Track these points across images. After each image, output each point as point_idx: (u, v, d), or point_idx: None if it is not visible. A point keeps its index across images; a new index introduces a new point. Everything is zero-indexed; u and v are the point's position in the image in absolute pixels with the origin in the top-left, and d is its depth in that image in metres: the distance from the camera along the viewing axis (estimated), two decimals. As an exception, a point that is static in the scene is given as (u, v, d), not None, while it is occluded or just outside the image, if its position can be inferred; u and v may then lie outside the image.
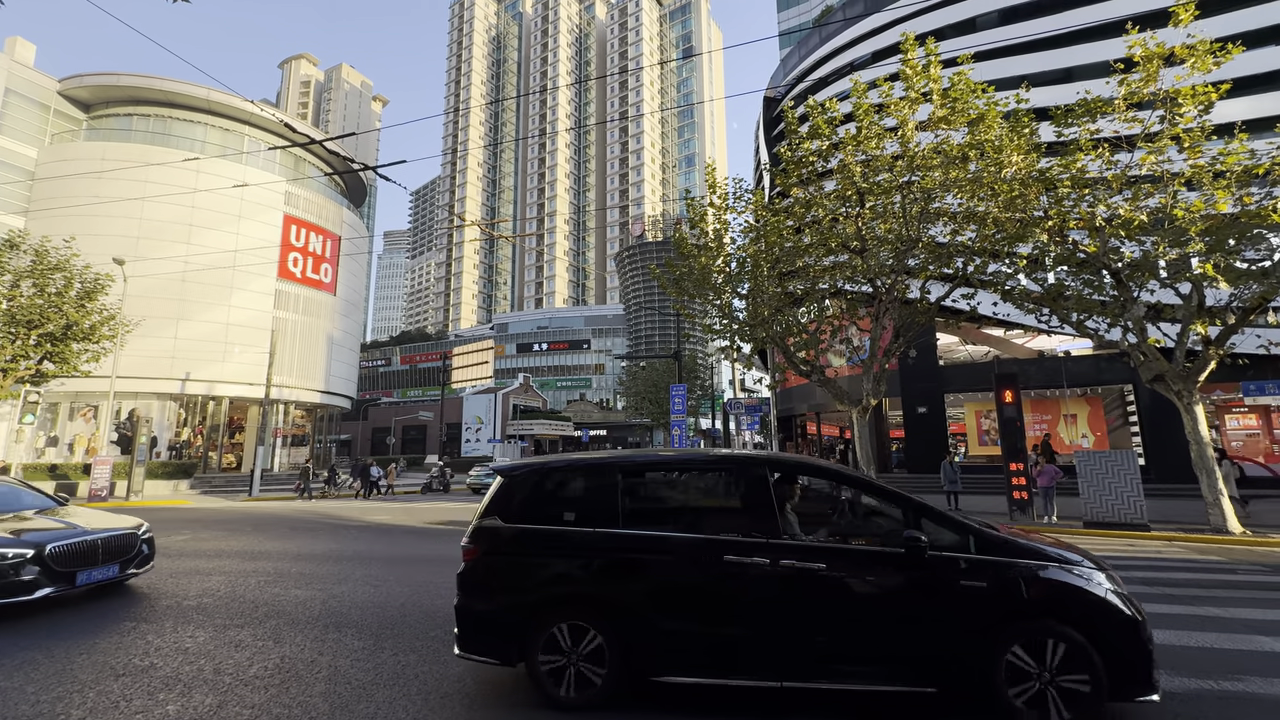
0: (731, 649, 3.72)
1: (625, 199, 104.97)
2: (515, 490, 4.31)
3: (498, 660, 4.02)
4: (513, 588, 4.06)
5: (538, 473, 4.42)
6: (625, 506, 4.13)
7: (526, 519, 4.19)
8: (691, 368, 53.84)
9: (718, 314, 18.19)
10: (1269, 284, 11.44)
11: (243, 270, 31.60)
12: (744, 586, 3.73)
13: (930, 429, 24.22)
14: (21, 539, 6.10)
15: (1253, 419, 20.99)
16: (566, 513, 4.19)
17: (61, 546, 6.23)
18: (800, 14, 62.13)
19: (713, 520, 4.15)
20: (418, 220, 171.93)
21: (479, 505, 4.44)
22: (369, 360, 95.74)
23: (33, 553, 6.01)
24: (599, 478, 4.33)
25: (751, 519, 3.94)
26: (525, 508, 4.24)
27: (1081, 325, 13.46)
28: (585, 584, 3.97)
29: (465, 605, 4.11)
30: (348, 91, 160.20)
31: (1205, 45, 11.38)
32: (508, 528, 4.19)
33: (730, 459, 4.49)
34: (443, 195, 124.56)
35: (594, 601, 3.92)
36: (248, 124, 35.22)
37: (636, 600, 3.87)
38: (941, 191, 14.22)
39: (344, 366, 39.87)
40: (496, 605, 4.07)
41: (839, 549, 3.86)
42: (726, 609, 3.75)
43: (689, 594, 3.83)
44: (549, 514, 4.20)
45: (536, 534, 4.14)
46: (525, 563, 4.09)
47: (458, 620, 4.10)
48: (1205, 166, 11.65)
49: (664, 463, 4.83)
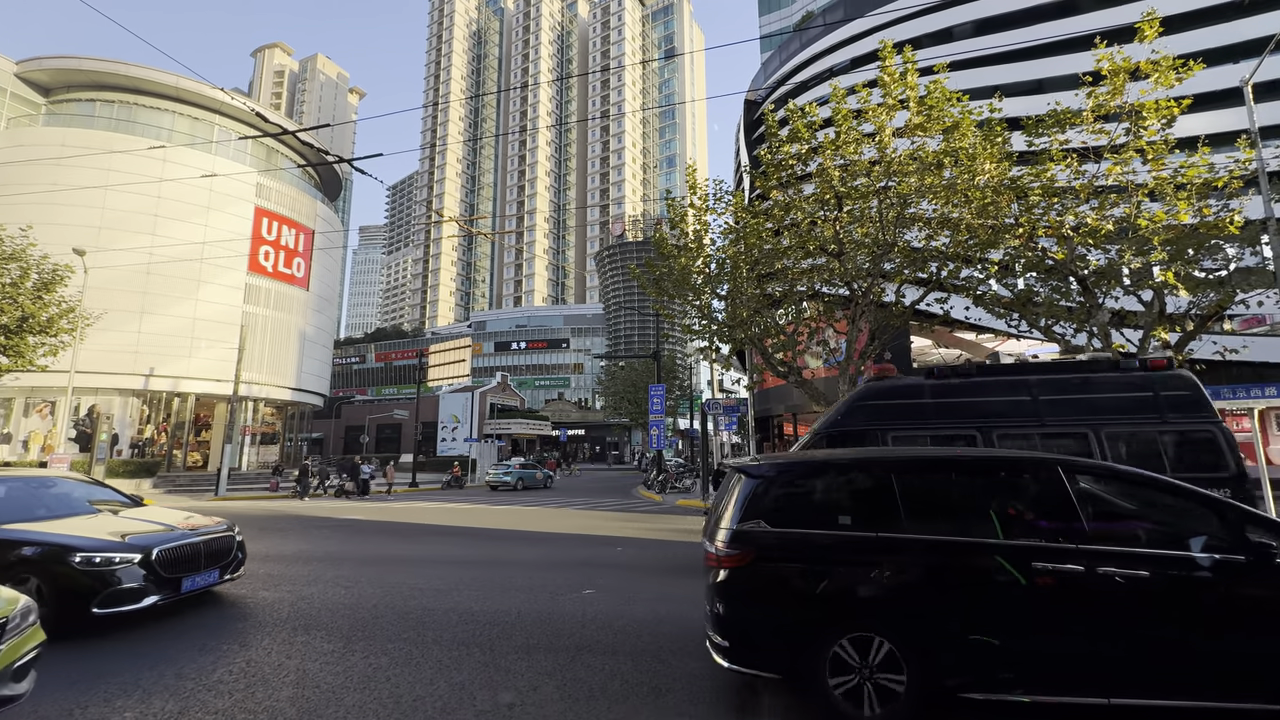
0: (1049, 663, 3.47)
1: (606, 198, 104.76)
2: (774, 491, 4.09)
3: (778, 674, 3.81)
4: (791, 597, 3.82)
5: (796, 472, 4.23)
6: (905, 508, 3.86)
7: (795, 523, 3.96)
8: (670, 368, 53.98)
9: (697, 314, 18.26)
10: (1225, 293, 11.90)
11: (211, 263, 30.72)
12: (1057, 595, 3.49)
13: (904, 430, 24.63)
14: (126, 542, 5.51)
15: (1208, 422, 21.81)
16: (840, 515, 3.95)
17: (169, 550, 5.65)
18: (781, 18, 62.74)
19: (1008, 524, 3.82)
20: (395, 215, 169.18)
21: (723, 508, 4.20)
22: (343, 357, 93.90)
23: (140, 557, 5.42)
24: (871, 478, 4.09)
25: (1053, 523, 3.69)
26: (789, 510, 4.02)
27: (1049, 330, 13.83)
28: (872, 593, 3.72)
29: (734, 615, 3.88)
30: (323, 83, 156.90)
31: (1168, 61, 11.78)
32: (776, 533, 3.94)
33: (1019, 459, 4.21)
34: (421, 191, 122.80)
35: (883, 611, 3.69)
36: (217, 113, 34.27)
37: (932, 611, 3.63)
38: (917, 197, 14.48)
39: (316, 363, 39.04)
40: (774, 616, 3.83)
41: (1165, 556, 3.55)
42: (1039, 620, 3.52)
43: (993, 603, 3.57)
44: (819, 517, 3.97)
45: (812, 539, 3.89)
46: (802, 570, 3.84)
47: (722, 630, 3.88)
48: (1167, 178, 12.07)
49: (943, 462, 4.41)
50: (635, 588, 7.65)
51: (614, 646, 5.10)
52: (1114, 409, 7.08)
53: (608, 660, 4.77)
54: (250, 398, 33.54)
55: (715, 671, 4.50)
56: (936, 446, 6.82)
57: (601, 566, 9.00)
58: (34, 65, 31.40)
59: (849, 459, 4.30)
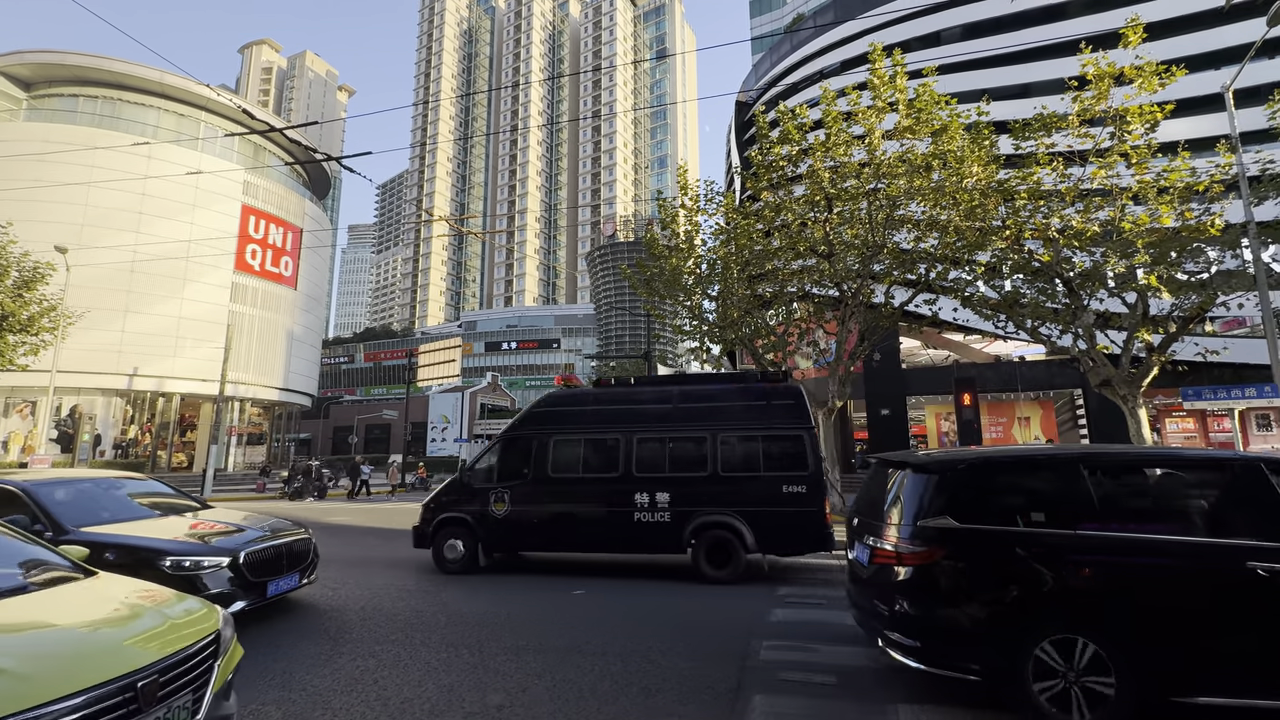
0: (1268, 665, 3.36)
1: (597, 198, 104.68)
2: (959, 487, 3.98)
3: (976, 676, 3.67)
4: (988, 597, 3.71)
5: (983, 467, 4.11)
6: (1102, 506, 3.78)
7: (983, 519, 3.83)
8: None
9: (688, 315, 18.30)
10: (1206, 295, 12.08)
11: (197, 261, 30.34)
12: (1273, 594, 3.39)
13: (893, 430, 24.82)
14: (212, 545, 5.37)
15: (1190, 422, 22.15)
16: (1032, 512, 3.82)
17: (255, 554, 5.50)
18: (772, 20, 63.01)
19: (1213, 523, 3.78)
20: (384, 214, 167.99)
21: (883, 503, 4.14)
22: (331, 357, 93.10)
23: (228, 560, 5.27)
24: (1062, 474, 3.96)
25: (1261, 521, 3.59)
26: (977, 506, 3.89)
27: (1035, 331, 13.99)
28: (1074, 593, 3.61)
29: (924, 615, 3.77)
30: (312, 80, 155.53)
31: (1152, 67, 11.96)
32: (967, 529, 3.80)
33: (1220, 458, 4.11)
34: (410, 189, 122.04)
35: (1086, 613, 3.58)
36: (204, 109, 33.87)
37: (1139, 612, 3.52)
38: (906, 199, 14.60)
39: (304, 363, 38.68)
40: (969, 616, 3.72)
41: None
42: (1256, 620, 3.41)
43: (1203, 604, 3.49)
44: (1009, 514, 3.84)
45: (1007, 537, 3.75)
46: (999, 568, 3.72)
47: (910, 630, 3.79)
48: (1151, 182, 12.24)
49: (1138, 459, 4.27)
50: (624, 588, 7.64)
51: (603, 647, 5.09)
52: (732, 416, 8.30)
53: (597, 661, 4.76)
54: (237, 398, 33.17)
55: (707, 671, 4.51)
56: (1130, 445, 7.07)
57: (590, 567, 8.98)
58: (15, 59, 30.87)
59: (1041, 454, 4.18)
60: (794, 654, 4.94)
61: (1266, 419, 21.07)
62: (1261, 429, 21.18)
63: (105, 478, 6.51)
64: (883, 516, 4.18)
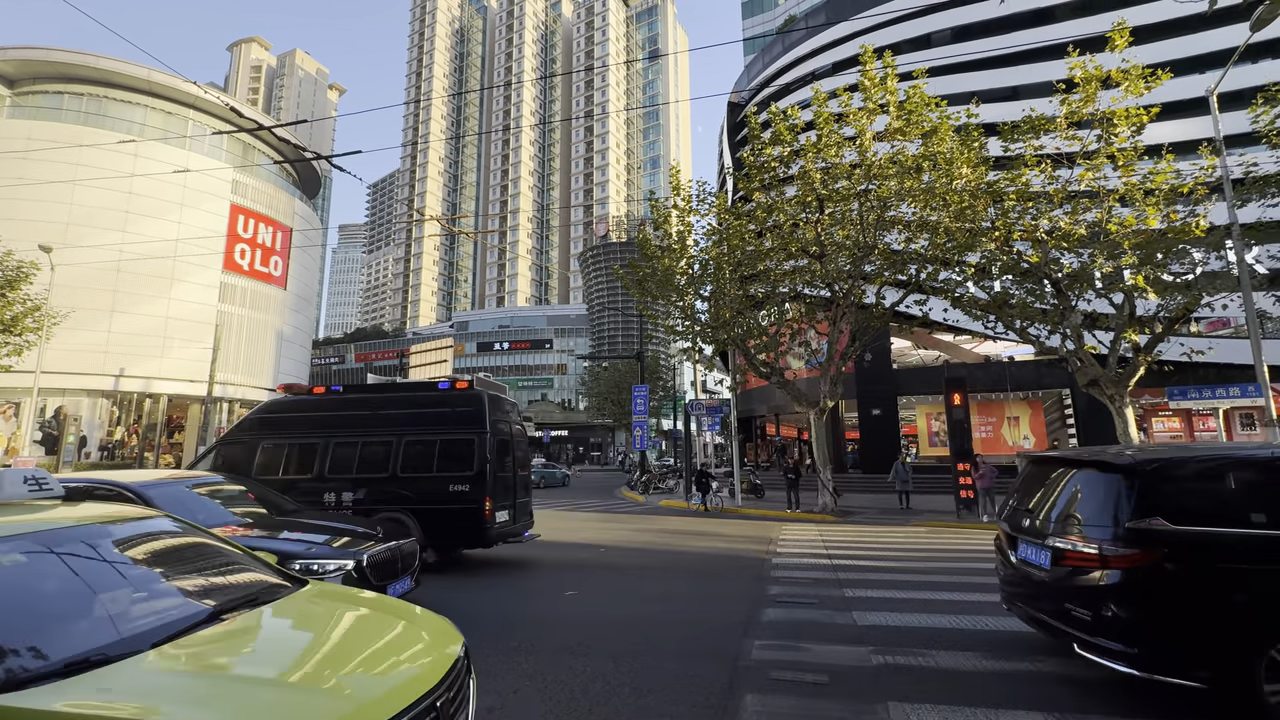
0: None
1: (590, 198, 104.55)
2: (1171, 487, 3.85)
3: (1200, 682, 3.52)
4: (1213, 602, 3.56)
5: (1196, 468, 4.00)
6: None
7: (1200, 520, 3.70)
8: (654, 369, 54.03)
9: (680, 315, 18.31)
10: (1191, 296, 12.25)
11: (184, 261, 30.02)
12: None
13: (884, 430, 24.97)
14: (337, 549, 5.25)
15: (1176, 421, 22.45)
16: (1253, 513, 3.67)
17: (376, 557, 5.37)
18: (764, 22, 63.23)
19: None
20: (375, 214, 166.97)
21: (1071, 503, 4.03)
22: (322, 357, 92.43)
23: (353, 564, 5.14)
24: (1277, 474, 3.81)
25: None
26: (1192, 508, 3.77)
27: (1024, 332, 14.11)
28: None
29: (1141, 620, 3.63)
30: (302, 78, 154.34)
31: (1138, 70, 12.11)
32: (1185, 531, 3.66)
33: None
34: (402, 189, 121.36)
35: None
36: (191, 107, 33.54)
37: None
38: (896, 200, 14.70)
39: (294, 364, 38.38)
40: (1192, 621, 3.58)
41: None
42: None
43: None
44: (1228, 516, 3.72)
45: (1232, 540, 3.61)
46: (1225, 573, 3.57)
47: (1124, 636, 3.66)
48: (1137, 184, 12.40)
49: None
50: (617, 589, 7.64)
51: (595, 648, 5.09)
52: (418, 421, 8.85)
53: (589, 662, 4.75)
54: (225, 399, 32.84)
55: (699, 671, 4.51)
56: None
57: (584, 568, 8.96)
58: (-2, 56, 30.44)
59: (1266, 455, 4.04)
60: (786, 653, 4.95)
61: (1250, 418, 21.37)
62: (1245, 428, 21.49)
63: (185, 477, 6.29)
64: (1066, 517, 4.06)
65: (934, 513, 15.54)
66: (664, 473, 28.83)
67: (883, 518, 15.03)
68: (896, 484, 16.77)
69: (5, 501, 2.77)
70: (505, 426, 9.22)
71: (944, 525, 13.62)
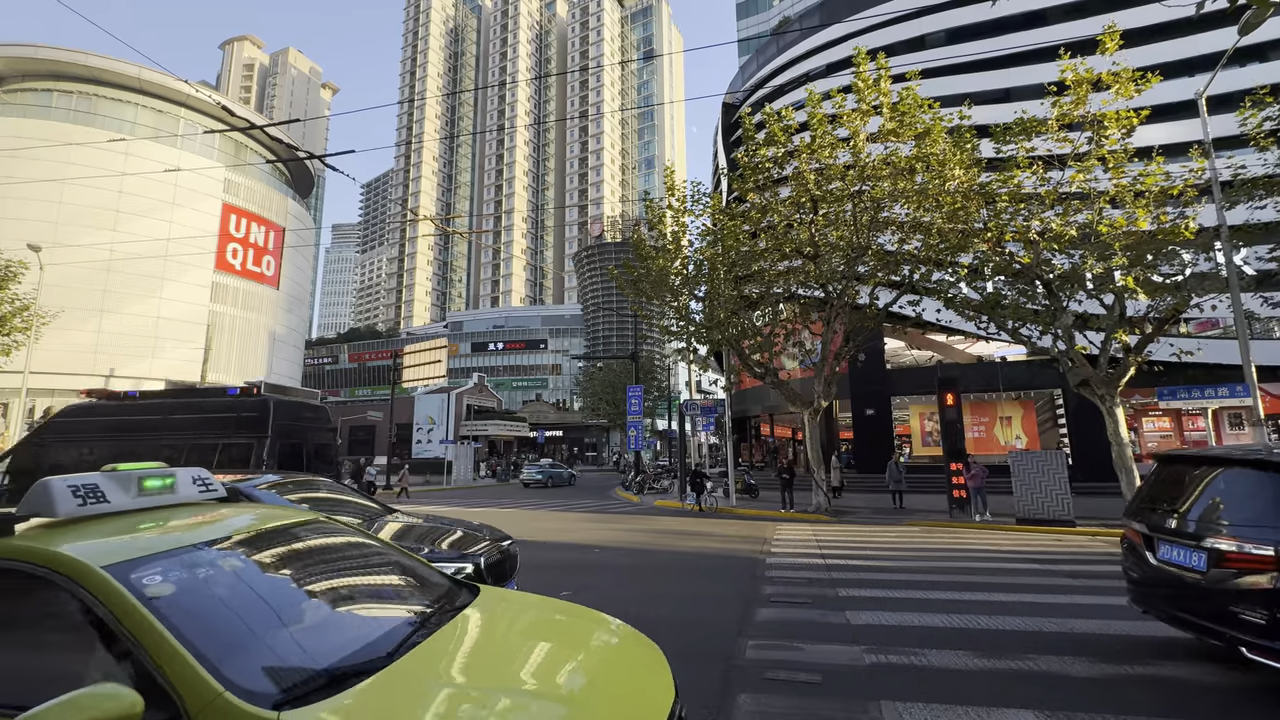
0: None
1: (584, 198, 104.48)
2: None
3: None
4: None
5: None
6: None
7: None
8: (648, 369, 54.06)
9: (675, 315, 18.33)
10: (1181, 297, 12.36)
11: (176, 261, 29.81)
12: None
13: (877, 430, 25.06)
14: (452, 551, 5.20)
15: (1166, 421, 22.64)
16: None
17: (492, 559, 5.31)
18: (759, 23, 63.39)
19: None
20: (369, 214, 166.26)
21: (1259, 503, 4.02)
22: (315, 358, 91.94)
23: (472, 566, 5.09)
24: None
25: None
26: None
27: (1016, 332, 14.20)
28: None
29: None
30: (295, 77, 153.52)
31: (1128, 73, 12.21)
32: None
33: None
34: (396, 189, 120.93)
35: None
36: (183, 105, 33.31)
37: None
38: (890, 201, 14.76)
39: (287, 364, 38.17)
40: None
41: None
42: None
43: None
44: None
45: None
46: None
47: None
48: (1127, 186, 12.50)
49: None
50: (611, 590, 7.63)
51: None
52: (206, 426, 9.18)
53: (583, 662, 4.74)
54: (217, 399, 32.63)
55: (693, 670, 4.51)
56: None
57: (578, 569, 8.96)
58: (-14, 53, 30.12)
59: None
60: (780, 653, 4.97)
61: (1239, 418, 21.58)
62: (1234, 428, 21.70)
63: (251, 478, 6.17)
64: (1225, 518, 4.06)
65: (927, 512, 15.62)
66: (659, 473, 28.87)
67: (876, 517, 15.09)
68: (890, 484, 16.84)
69: (182, 502, 2.63)
70: (300, 431, 9.63)
71: (937, 525, 13.69)
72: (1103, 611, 6.03)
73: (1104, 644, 5.03)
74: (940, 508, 15.86)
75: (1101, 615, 5.88)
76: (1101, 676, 4.35)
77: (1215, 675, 4.33)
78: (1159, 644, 5.01)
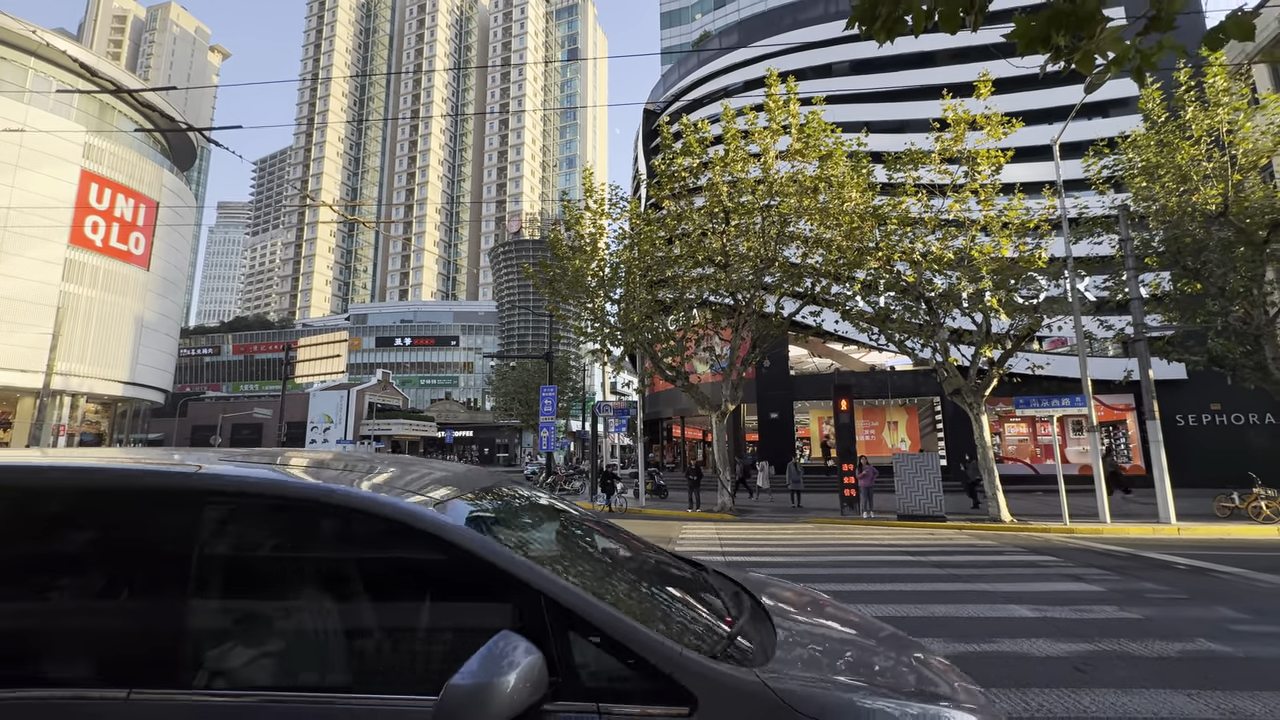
0: None
1: (503, 194, 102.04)
2: None
3: None
4: None
5: None
6: None
7: None
8: (563, 369, 53.59)
9: (590, 317, 18.38)
10: (1034, 318, 14.08)
11: (19, 232, 25.94)
12: None
13: (781, 433, 26.42)
14: None
15: (1023, 427, 25.57)
16: None
17: None
18: (681, 35, 64.91)
19: None
20: (261, 193, 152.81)
21: None
22: (192, 348, 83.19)
23: None
24: None
25: None
26: None
27: (902, 344, 15.53)
28: None
29: None
30: (177, 35, 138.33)
31: (998, 117, 13.74)
32: None
33: None
34: (295, 169, 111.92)
35: None
36: (33, 54, 29.02)
37: None
38: (795, 217, 15.67)
39: (158, 354, 34.26)
40: None
41: None
42: None
43: None
44: None
45: None
46: None
47: None
48: (995, 217, 14.05)
49: None
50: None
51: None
52: None
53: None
54: (67, 392, 28.68)
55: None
56: None
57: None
58: None
59: None
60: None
61: (1079, 425, 24.77)
62: (1076, 434, 24.88)
63: None
64: None
65: (821, 510, 16.67)
66: (570, 474, 28.72)
67: (776, 516, 15.91)
68: (790, 484, 17.82)
69: None
70: None
71: (829, 521, 14.67)
72: (961, 597, 6.75)
73: (958, 626, 5.64)
74: (834, 506, 16.99)
75: (959, 600, 6.58)
76: (954, 654, 4.87)
77: (1049, 649, 4.99)
78: (1009, 623, 5.69)
